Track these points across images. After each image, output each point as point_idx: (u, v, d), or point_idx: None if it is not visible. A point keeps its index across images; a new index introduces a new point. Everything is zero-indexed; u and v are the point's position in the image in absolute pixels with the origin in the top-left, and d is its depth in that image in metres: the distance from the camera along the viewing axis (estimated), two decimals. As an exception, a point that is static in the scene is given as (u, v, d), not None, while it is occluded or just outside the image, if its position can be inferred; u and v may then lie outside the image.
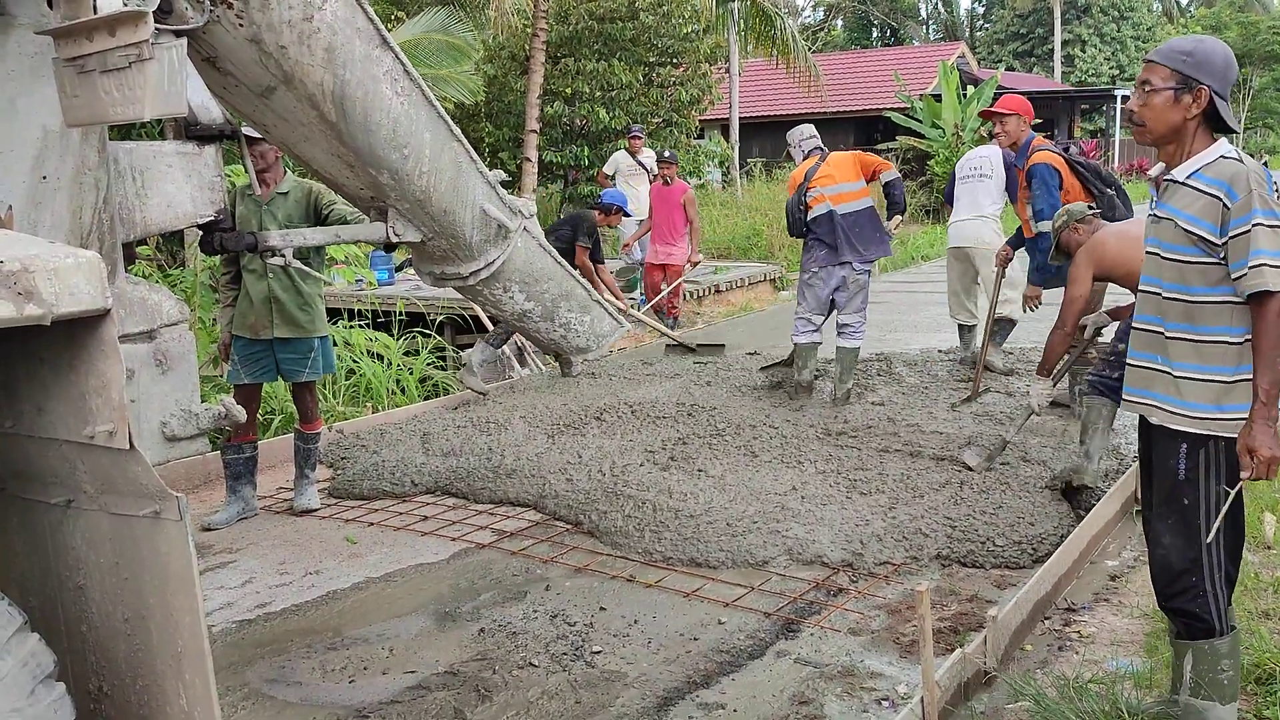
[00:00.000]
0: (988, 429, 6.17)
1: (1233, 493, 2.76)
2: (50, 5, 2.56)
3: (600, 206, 8.88)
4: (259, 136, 4.33)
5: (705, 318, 12.36)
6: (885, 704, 3.35)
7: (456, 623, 4.06)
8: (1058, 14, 39.43)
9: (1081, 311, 4.93)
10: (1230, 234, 2.67)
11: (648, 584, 4.35)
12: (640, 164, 11.61)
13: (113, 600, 2.08)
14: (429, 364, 8.98)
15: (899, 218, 7.19)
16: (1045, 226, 6.14)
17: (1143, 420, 3.00)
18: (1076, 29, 42.20)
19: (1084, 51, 42.20)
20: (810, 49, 18.82)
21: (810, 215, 6.95)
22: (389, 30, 3.40)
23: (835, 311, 7.07)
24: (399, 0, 17.55)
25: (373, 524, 5.23)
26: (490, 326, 9.13)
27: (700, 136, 22.95)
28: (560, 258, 4.40)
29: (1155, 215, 2.87)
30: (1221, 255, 2.70)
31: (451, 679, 3.58)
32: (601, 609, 4.12)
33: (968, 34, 49.64)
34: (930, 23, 52.94)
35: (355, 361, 8.13)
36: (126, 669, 2.09)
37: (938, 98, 22.83)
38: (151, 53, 2.36)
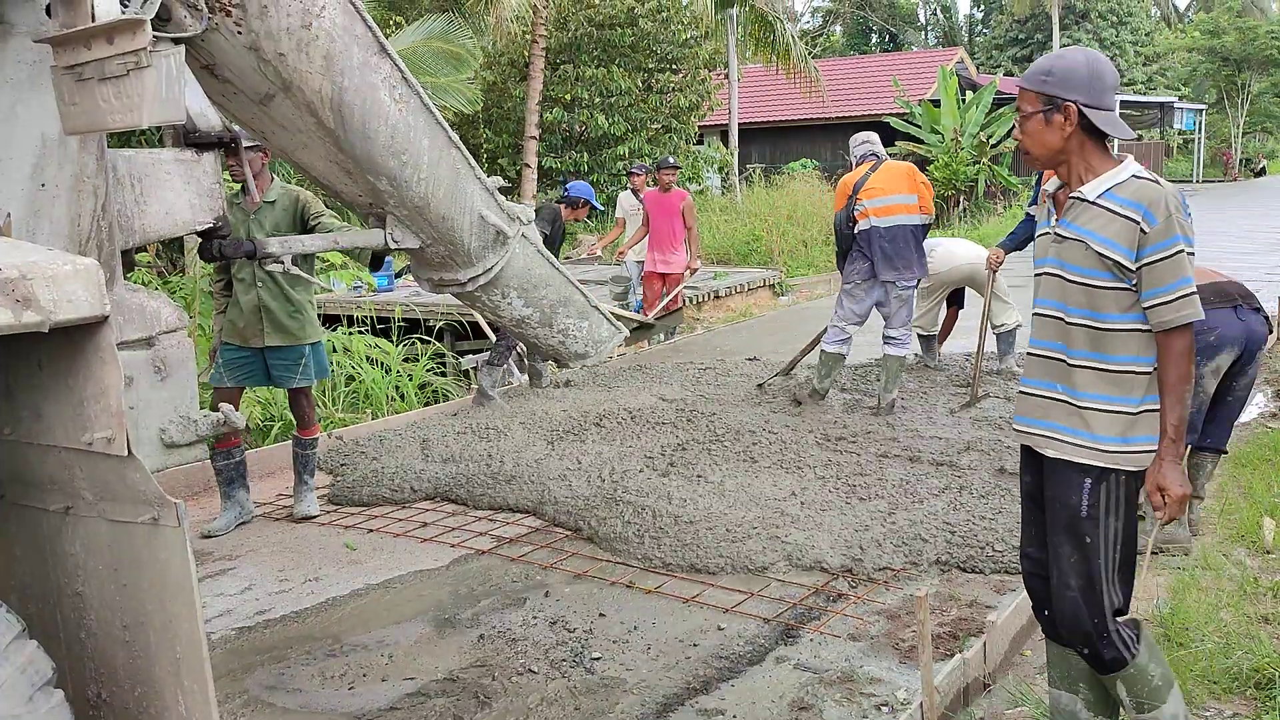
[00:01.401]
0: (986, 434, 6.17)
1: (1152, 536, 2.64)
2: (49, 13, 2.56)
3: (567, 200, 8.35)
4: (253, 144, 4.33)
5: (705, 323, 12.37)
6: (885, 709, 3.34)
7: (456, 629, 4.06)
8: (1056, 19, 39.49)
9: None
10: (1146, 260, 2.54)
11: (647, 590, 4.35)
12: (644, 203, 10.53)
13: (111, 607, 2.09)
14: (428, 370, 8.98)
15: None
16: None
17: (1029, 452, 2.84)
18: (1075, 34, 42.21)
19: (1082, 57, 42.19)
20: (809, 54, 18.85)
21: (855, 229, 6.71)
22: (388, 36, 3.40)
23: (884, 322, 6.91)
24: (398, 6, 17.61)
25: (372, 530, 5.23)
26: (490, 333, 9.13)
27: (700, 142, 23.00)
28: (559, 264, 4.40)
29: (1058, 234, 2.70)
30: (1133, 281, 2.57)
31: (451, 685, 3.58)
32: (601, 615, 4.12)
33: (966, 39, 49.71)
34: (929, 28, 53.05)
35: (355, 368, 8.14)
36: (125, 676, 2.09)
37: (936, 103, 22.89)
38: (150, 60, 2.36)
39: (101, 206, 2.77)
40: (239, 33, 2.90)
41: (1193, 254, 2.58)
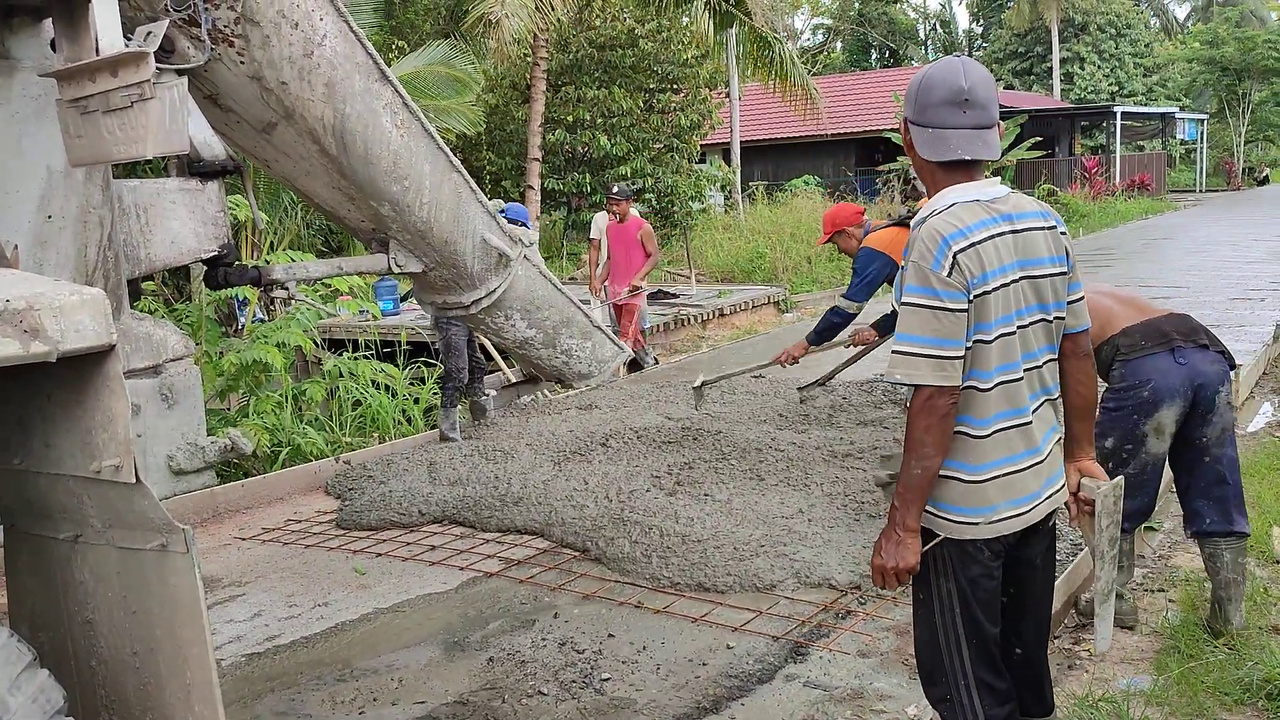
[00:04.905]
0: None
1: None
2: (53, 48, 2.60)
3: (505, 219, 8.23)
4: None
5: (710, 341, 12.38)
6: (895, 726, 3.34)
7: (465, 652, 4.06)
8: (1055, 32, 39.62)
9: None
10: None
11: (656, 610, 4.35)
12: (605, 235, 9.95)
13: (121, 634, 2.10)
14: (434, 393, 8.99)
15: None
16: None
17: None
18: (1075, 47, 42.37)
19: (1082, 69, 42.38)
20: (810, 72, 18.92)
21: None
22: (390, 63, 3.44)
23: None
24: (400, 31, 17.72)
25: (381, 554, 5.24)
26: (496, 356, 9.14)
27: (702, 160, 23.07)
28: (561, 285, 4.42)
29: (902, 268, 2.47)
30: None
31: (461, 709, 3.58)
32: (610, 636, 4.12)
33: (966, 54, 49.88)
34: (929, 43, 53.23)
35: (362, 392, 8.15)
36: (136, 703, 2.10)
37: (937, 118, 22.90)
38: (153, 92, 2.39)
39: (107, 236, 2.79)
40: (241, 62, 2.93)
41: (933, 307, 2.26)
